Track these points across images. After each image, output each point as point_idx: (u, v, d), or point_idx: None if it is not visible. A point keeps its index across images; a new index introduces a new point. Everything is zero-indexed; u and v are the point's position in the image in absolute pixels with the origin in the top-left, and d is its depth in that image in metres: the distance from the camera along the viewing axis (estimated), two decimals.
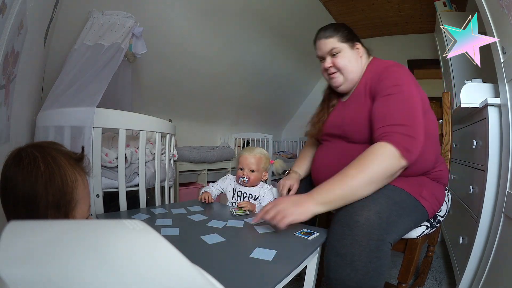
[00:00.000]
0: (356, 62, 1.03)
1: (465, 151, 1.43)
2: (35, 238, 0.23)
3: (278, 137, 4.84)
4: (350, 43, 1.03)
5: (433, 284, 1.34)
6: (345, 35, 1.03)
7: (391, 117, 0.84)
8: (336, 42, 1.02)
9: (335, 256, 0.74)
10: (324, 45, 1.04)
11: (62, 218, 0.51)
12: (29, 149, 0.52)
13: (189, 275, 0.24)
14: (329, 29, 1.04)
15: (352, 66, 1.02)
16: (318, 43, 1.06)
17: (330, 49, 1.03)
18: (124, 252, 0.24)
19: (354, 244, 0.72)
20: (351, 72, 1.02)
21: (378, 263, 0.71)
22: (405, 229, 0.83)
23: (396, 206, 0.79)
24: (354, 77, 1.03)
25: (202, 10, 2.34)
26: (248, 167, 1.23)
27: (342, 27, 1.05)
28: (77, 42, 1.47)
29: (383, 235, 0.73)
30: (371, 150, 0.81)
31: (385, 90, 0.89)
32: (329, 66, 1.04)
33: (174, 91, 2.72)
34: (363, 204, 0.77)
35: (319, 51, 1.07)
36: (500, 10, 0.90)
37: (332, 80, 1.07)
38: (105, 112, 1.22)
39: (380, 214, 0.75)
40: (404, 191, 0.85)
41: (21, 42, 0.89)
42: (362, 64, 1.04)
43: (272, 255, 0.70)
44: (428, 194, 0.89)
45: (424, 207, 0.87)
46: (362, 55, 1.05)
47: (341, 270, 0.72)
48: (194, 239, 0.80)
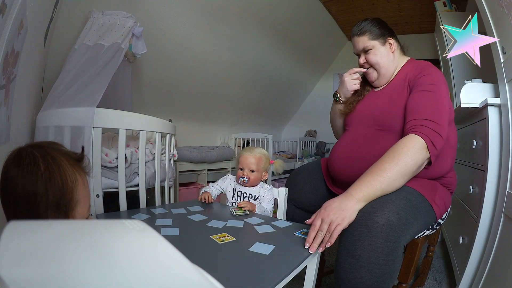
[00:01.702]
0: (388, 57, 1.07)
1: (465, 151, 1.43)
2: (35, 238, 0.23)
3: (278, 137, 4.84)
4: (381, 39, 1.06)
5: (433, 284, 1.34)
6: (375, 32, 1.06)
7: (423, 111, 0.88)
8: (367, 40, 1.06)
9: (350, 258, 0.72)
10: (356, 43, 1.09)
11: (62, 218, 0.51)
12: (29, 149, 0.52)
13: (189, 275, 0.24)
14: (361, 26, 1.07)
15: (384, 61, 1.06)
16: (352, 41, 1.11)
17: (363, 47, 1.08)
18: (124, 252, 0.24)
19: (372, 246, 0.70)
20: (383, 67, 1.07)
21: (393, 266, 0.70)
22: (417, 232, 0.83)
23: (413, 209, 0.79)
24: (387, 71, 1.07)
25: (202, 10, 2.34)
26: (248, 167, 1.23)
27: (373, 23, 1.07)
28: (77, 42, 1.47)
29: (399, 237, 0.72)
30: (404, 143, 0.84)
31: (423, 85, 0.93)
32: (363, 62, 1.10)
33: (174, 91, 2.72)
34: (381, 205, 0.76)
35: (354, 48, 1.12)
36: (500, 10, 0.90)
37: (367, 76, 1.13)
38: (105, 112, 1.22)
39: (399, 215, 0.74)
40: (420, 195, 0.85)
41: (21, 42, 0.89)
42: (396, 58, 1.08)
43: (270, 249, 0.71)
44: (439, 200, 0.90)
45: (435, 212, 0.87)
46: (394, 50, 1.08)
47: (356, 272, 0.70)
48: (194, 239, 0.80)
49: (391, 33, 1.09)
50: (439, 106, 0.89)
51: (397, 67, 1.09)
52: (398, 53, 1.09)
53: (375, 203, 0.77)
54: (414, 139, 0.83)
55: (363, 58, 1.09)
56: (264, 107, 4.17)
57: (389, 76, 1.09)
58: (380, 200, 0.78)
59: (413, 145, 0.82)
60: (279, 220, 1.03)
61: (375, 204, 0.77)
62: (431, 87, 0.92)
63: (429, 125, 0.84)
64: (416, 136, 0.83)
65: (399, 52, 1.10)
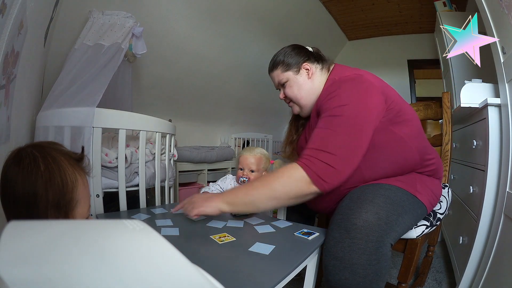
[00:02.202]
0: (305, 86, 0.99)
1: (465, 151, 1.43)
2: (35, 238, 0.23)
3: (278, 137, 4.83)
4: (294, 69, 1.00)
5: (433, 284, 1.34)
6: (288, 62, 1.00)
7: (316, 140, 0.81)
8: (280, 74, 1.02)
9: (333, 260, 0.73)
10: (272, 79, 1.06)
11: (62, 218, 0.51)
12: (29, 149, 0.52)
13: (189, 275, 0.24)
14: (273, 60, 1.04)
15: (301, 93, 1.00)
16: (270, 76, 1.07)
17: (278, 82, 1.04)
18: (124, 252, 0.24)
19: (352, 247, 0.71)
20: (302, 98, 1.00)
21: (378, 266, 0.70)
22: (405, 227, 0.82)
23: (394, 205, 0.79)
24: (307, 102, 1.01)
25: (203, 10, 2.34)
26: (248, 167, 1.23)
27: (285, 52, 1.01)
28: (77, 42, 1.47)
29: (382, 237, 0.72)
30: (283, 168, 0.83)
31: (326, 111, 0.86)
32: (282, 97, 1.07)
33: (174, 91, 2.72)
34: (360, 206, 0.76)
35: (273, 83, 1.08)
36: (500, 10, 0.90)
37: (291, 109, 1.09)
38: (105, 112, 1.22)
39: (379, 215, 0.74)
40: (399, 189, 0.84)
41: (21, 42, 0.88)
42: (316, 84, 0.99)
43: (270, 249, 0.71)
44: (423, 187, 0.89)
45: (422, 201, 0.86)
46: (312, 75, 0.99)
47: (340, 273, 0.71)
48: (194, 239, 0.80)
49: (307, 57, 1.00)
50: (336, 131, 0.80)
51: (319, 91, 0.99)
52: (319, 75, 1.00)
53: (354, 204, 0.78)
54: (292, 169, 0.80)
55: (282, 93, 1.05)
56: (264, 107, 4.17)
57: (311, 105, 1.00)
58: (358, 201, 0.78)
59: (288, 174, 0.80)
60: (279, 220, 1.03)
61: (353, 206, 0.77)
62: (334, 111, 0.83)
63: (322, 158, 0.77)
64: (297, 166, 0.79)
65: (320, 73, 1.00)
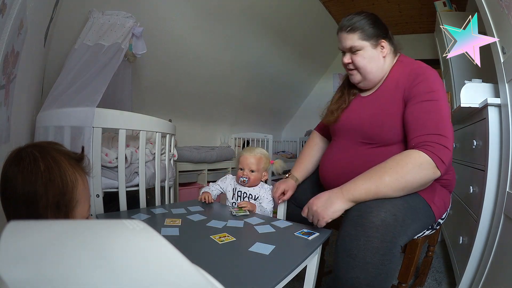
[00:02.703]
0: (378, 62, 0.95)
1: (465, 151, 1.43)
2: (35, 238, 0.23)
3: (278, 137, 4.84)
4: (373, 41, 0.94)
5: (433, 284, 1.34)
6: (368, 32, 0.93)
7: (428, 126, 0.81)
8: (356, 40, 0.93)
9: (346, 257, 0.72)
10: (344, 40, 0.96)
11: (62, 218, 0.51)
12: (29, 149, 0.52)
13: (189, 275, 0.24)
14: (353, 21, 0.94)
15: (372, 67, 0.95)
16: (339, 35, 0.97)
17: (350, 46, 0.95)
18: (124, 252, 0.24)
19: (368, 246, 0.70)
20: (370, 72, 0.95)
21: (389, 266, 0.70)
22: (415, 233, 0.83)
23: (411, 210, 0.79)
24: (374, 77, 0.97)
25: (203, 10, 2.34)
26: (248, 167, 1.23)
27: (368, 20, 0.94)
28: (77, 42, 1.48)
29: (396, 238, 0.72)
30: (410, 158, 0.78)
31: (421, 95, 0.85)
32: (348, 62, 0.98)
33: (174, 91, 2.72)
34: (379, 205, 0.76)
35: (340, 44, 0.98)
36: (500, 10, 0.90)
37: (350, 77, 1.01)
38: (105, 112, 1.22)
39: (396, 216, 0.74)
40: (419, 196, 0.85)
41: (21, 42, 0.88)
42: (386, 64, 0.97)
43: (270, 249, 0.71)
44: (439, 200, 0.90)
45: (434, 213, 0.87)
46: (386, 55, 0.96)
47: (352, 271, 0.71)
48: (194, 239, 0.80)
49: (386, 34, 0.96)
50: (442, 116, 0.82)
51: (387, 71, 0.98)
52: (390, 56, 0.98)
53: (372, 202, 0.77)
54: (421, 157, 0.77)
55: (348, 57, 0.97)
56: (264, 107, 4.17)
57: (376, 82, 0.98)
58: (377, 200, 0.78)
59: (419, 163, 0.77)
60: (279, 220, 1.03)
61: (372, 204, 0.77)
62: (431, 95, 0.84)
63: (436, 140, 0.78)
64: (424, 155, 0.77)
65: (391, 55, 0.98)
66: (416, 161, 0.77)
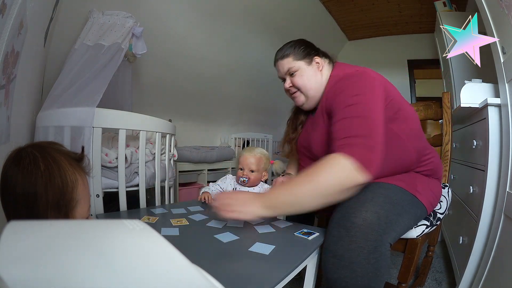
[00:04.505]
0: (316, 77, 1.00)
1: (465, 151, 1.43)
2: (35, 238, 0.23)
3: (278, 137, 4.83)
4: (307, 59, 1.00)
5: (433, 284, 1.34)
6: (300, 52, 1.00)
7: (349, 129, 0.78)
8: (291, 62, 1.01)
9: (332, 258, 0.73)
10: (281, 66, 1.03)
11: (62, 218, 0.51)
12: (29, 149, 0.52)
13: (189, 275, 0.24)
14: (284, 49, 1.03)
15: (311, 83, 0.99)
16: (276, 66, 1.06)
17: (287, 69, 1.02)
18: (124, 252, 0.24)
19: (352, 246, 0.71)
20: (311, 89, 1.00)
21: (377, 265, 0.71)
22: (405, 227, 0.82)
23: (395, 205, 0.79)
24: (315, 93, 1.00)
25: (203, 10, 2.34)
26: (248, 167, 1.23)
27: (296, 44, 1.02)
28: (77, 42, 1.47)
29: (381, 236, 0.72)
30: (322, 161, 0.76)
31: (344, 101, 0.84)
32: (289, 86, 1.04)
33: (174, 91, 2.72)
34: (360, 205, 0.76)
35: (278, 72, 1.06)
36: (500, 10, 0.90)
37: (294, 100, 1.07)
38: (105, 112, 1.22)
39: (379, 214, 0.74)
40: (399, 188, 0.84)
41: (21, 42, 0.88)
42: (324, 77, 1.01)
43: (270, 249, 0.71)
44: (423, 188, 0.89)
45: (422, 202, 0.86)
46: (322, 68, 1.01)
47: (339, 272, 0.72)
48: (194, 239, 0.80)
49: (317, 52, 1.03)
50: (367, 115, 0.78)
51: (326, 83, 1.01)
52: (326, 69, 1.02)
53: (354, 203, 0.77)
54: (335, 158, 0.74)
55: (289, 81, 1.03)
56: (265, 107, 4.17)
57: (318, 97, 1.01)
58: (358, 200, 0.77)
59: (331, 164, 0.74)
60: (279, 220, 1.03)
61: (352, 205, 0.77)
62: (354, 99, 0.82)
63: (358, 142, 0.75)
64: (339, 156, 0.74)
65: (327, 68, 1.02)
66: (328, 163, 0.75)
